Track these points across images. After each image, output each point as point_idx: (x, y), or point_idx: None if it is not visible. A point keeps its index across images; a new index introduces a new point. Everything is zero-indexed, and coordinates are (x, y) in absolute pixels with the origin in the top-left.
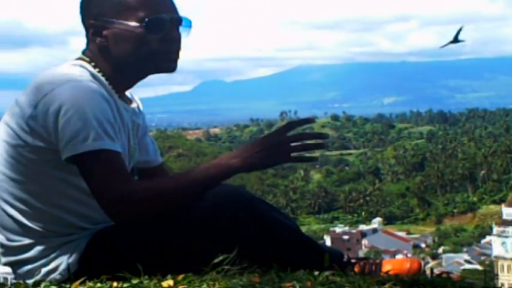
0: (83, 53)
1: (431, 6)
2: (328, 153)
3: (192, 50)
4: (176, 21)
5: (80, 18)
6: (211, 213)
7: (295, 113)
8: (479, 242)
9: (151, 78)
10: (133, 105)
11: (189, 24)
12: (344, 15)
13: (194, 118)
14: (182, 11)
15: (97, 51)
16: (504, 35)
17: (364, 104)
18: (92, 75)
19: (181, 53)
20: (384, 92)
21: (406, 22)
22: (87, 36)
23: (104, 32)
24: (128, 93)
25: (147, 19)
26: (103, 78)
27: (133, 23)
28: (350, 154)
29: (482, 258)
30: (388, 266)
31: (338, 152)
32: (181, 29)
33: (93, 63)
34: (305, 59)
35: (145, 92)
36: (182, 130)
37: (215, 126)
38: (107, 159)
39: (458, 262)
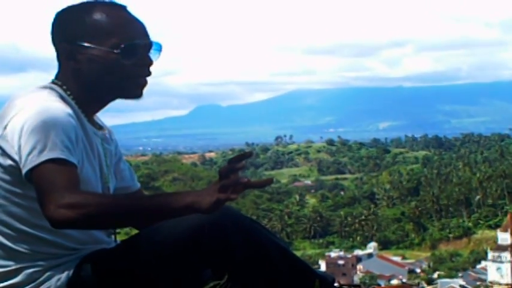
0: (56, 77)
1: (427, 32)
2: (323, 177)
3: (188, 74)
4: (148, 46)
5: (51, 39)
6: (202, 233)
7: (291, 137)
8: (475, 267)
9: (148, 102)
10: (104, 131)
11: (160, 48)
12: (340, 40)
13: (190, 142)
14: (178, 36)
15: (69, 75)
16: (500, 60)
17: (360, 129)
18: (61, 96)
19: (173, 78)
20: (379, 116)
21: (402, 47)
22: (58, 58)
23: (78, 56)
24: (98, 120)
25: (122, 45)
26: (72, 102)
27: (108, 49)
28: (345, 179)
29: (478, 283)
30: None
31: (333, 177)
32: (152, 52)
33: (64, 86)
34: (301, 83)
35: (142, 116)
36: (178, 154)
37: (210, 151)
38: (59, 169)
39: (454, 287)
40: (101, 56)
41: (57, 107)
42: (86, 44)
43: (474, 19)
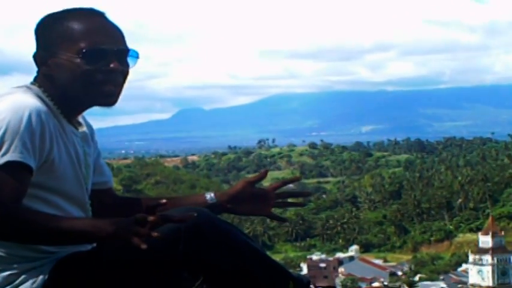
0: (34, 79)
1: (410, 36)
2: (305, 181)
3: (171, 77)
4: (118, 52)
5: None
6: (179, 235)
7: (273, 140)
8: (456, 270)
9: (131, 105)
10: (83, 129)
11: (135, 55)
12: (323, 44)
13: (172, 145)
14: (161, 39)
15: (44, 79)
16: (483, 65)
17: (342, 132)
18: (38, 96)
19: (156, 82)
20: (361, 120)
21: (385, 51)
22: (36, 64)
23: (49, 62)
24: (81, 118)
25: (84, 50)
26: (51, 102)
27: (72, 54)
28: (327, 182)
29: (459, 286)
30: None
31: (315, 180)
32: (129, 59)
33: (42, 88)
34: (284, 87)
35: (125, 119)
36: (160, 157)
37: (193, 154)
38: (11, 176)
39: None
40: (67, 61)
41: (29, 104)
42: (55, 51)
43: (457, 24)
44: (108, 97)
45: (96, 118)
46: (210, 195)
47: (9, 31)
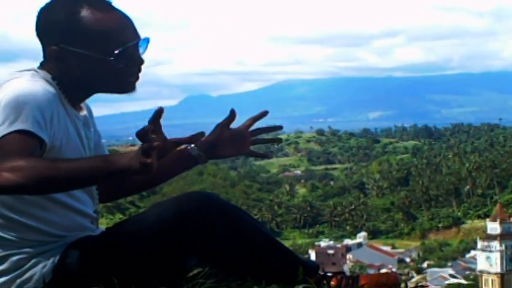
0: (41, 64)
1: (418, 22)
2: (313, 167)
3: (179, 64)
4: (138, 44)
5: (36, 33)
6: (186, 219)
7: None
8: (464, 256)
9: (138, 92)
10: (84, 112)
11: (147, 42)
12: (331, 30)
13: (179, 132)
14: (169, 26)
15: (54, 68)
16: (491, 50)
17: (350, 119)
18: (45, 79)
19: (163, 69)
20: (369, 106)
21: (393, 37)
22: (44, 50)
23: (68, 60)
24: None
25: (116, 51)
26: (57, 87)
27: (101, 55)
28: (335, 169)
29: (467, 272)
30: (364, 279)
31: (323, 167)
32: (140, 47)
33: (50, 75)
34: (291, 73)
35: (132, 106)
36: None
37: None
38: (22, 139)
39: (443, 276)
40: (93, 62)
41: (37, 85)
42: (77, 50)
43: (465, 9)
44: (131, 86)
45: (102, 105)
46: (193, 149)
47: (15, 18)
